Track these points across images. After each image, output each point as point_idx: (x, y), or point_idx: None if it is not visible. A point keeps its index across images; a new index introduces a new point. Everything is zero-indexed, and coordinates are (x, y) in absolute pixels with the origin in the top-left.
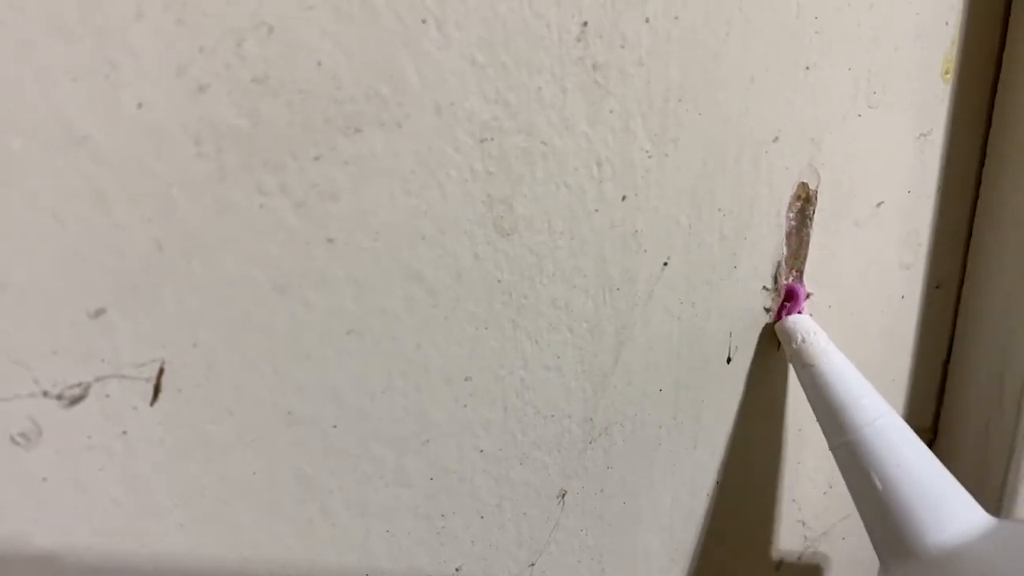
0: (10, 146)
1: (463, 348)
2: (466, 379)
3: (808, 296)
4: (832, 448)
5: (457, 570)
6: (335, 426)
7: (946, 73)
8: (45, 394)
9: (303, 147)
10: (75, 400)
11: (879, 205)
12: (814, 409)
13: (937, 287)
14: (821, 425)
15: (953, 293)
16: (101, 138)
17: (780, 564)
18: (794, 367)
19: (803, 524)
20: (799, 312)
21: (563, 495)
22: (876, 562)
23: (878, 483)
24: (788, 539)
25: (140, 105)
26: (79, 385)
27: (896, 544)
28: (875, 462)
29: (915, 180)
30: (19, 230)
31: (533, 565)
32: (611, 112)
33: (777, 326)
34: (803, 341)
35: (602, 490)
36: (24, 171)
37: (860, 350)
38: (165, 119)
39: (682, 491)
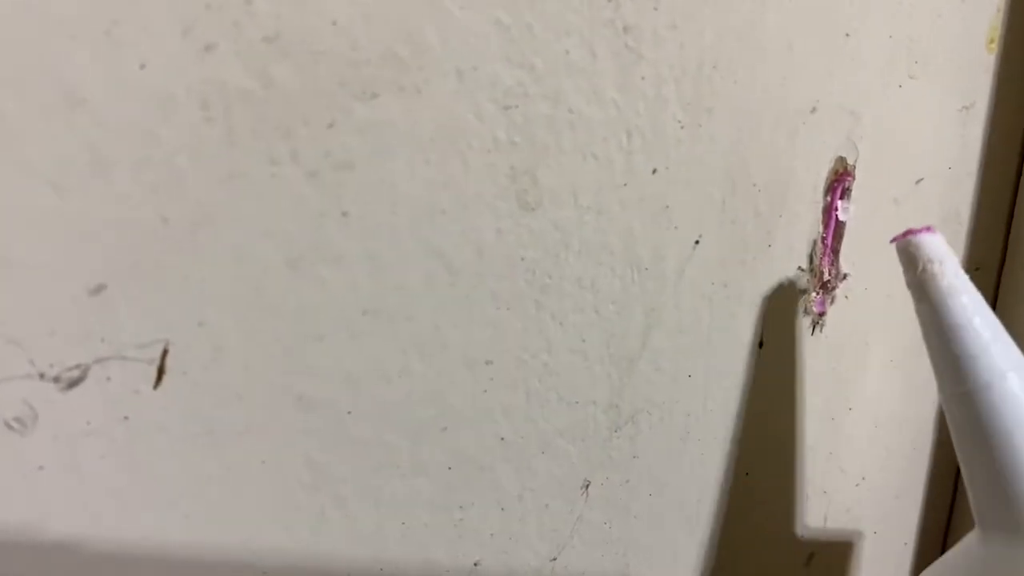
0: (4, 109)
1: (484, 330)
2: (487, 363)
3: (844, 277)
4: (945, 397)
5: (476, 564)
6: (349, 412)
7: (991, 42)
8: (41, 376)
9: (316, 112)
10: (73, 383)
11: (918, 182)
12: (930, 350)
13: (976, 269)
14: (936, 369)
15: (993, 275)
16: (101, 101)
17: (811, 558)
18: (913, 298)
19: (833, 515)
20: (928, 230)
21: (587, 486)
22: (908, 557)
23: (995, 444)
24: (819, 532)
25: (143, 66)
26: (78, 367)
27: (1002, 513)
28: (997, 421)
29: (956, 156)
30: (13, 200)
31: (555, 559)
32: (642, 78)
33: (897, 246)
34: (924, 271)
35: (627, 481)
36: (19, 136)
37: (896, 333)
38: (170, 81)
39: (710, 482)
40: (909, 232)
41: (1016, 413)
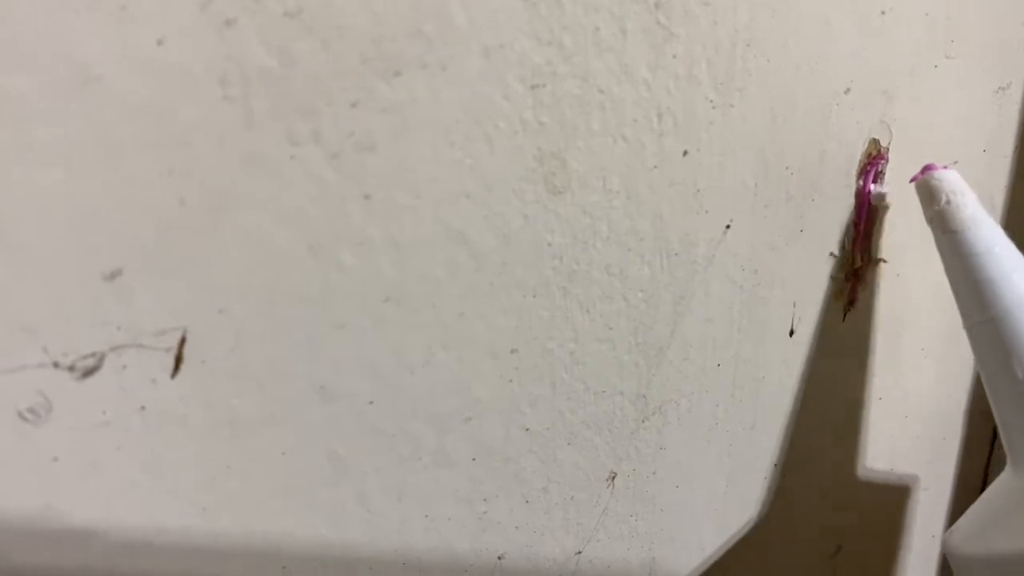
0: (13, 88)
1: (509, 318)
2: (512, 352)
3: (877, 263)
4: (969, 327)
5: (500, 558)
6: (371, 402)
7: None
8: (55, 365)
9: (339, 91)
10: (88, 371)
11: (953, 164)
12: (952, 282)
13: None
14: (959, 301)
15: None
16: (116, 79)
17: (839, 549)
18: (934, 232)
19: (861, 507)
20: (944, 168)
21: (613, 478)
22: (936, 550)
23: (1020, 371)
24: (847, 523)
25: (160, 42)
26: (93, 355)
27: None
28: (1021, 346)
29: (991, 138)
30: (25, 183)
31: (580, 553)
32: (674, 57)
33: (918, 183)
34: (947, 202)
35: (654, 473)
36: (29, 117)
37: (928, 321)
38: (187, 58)
39: (738, 474)
40: (929, 168)
41: None
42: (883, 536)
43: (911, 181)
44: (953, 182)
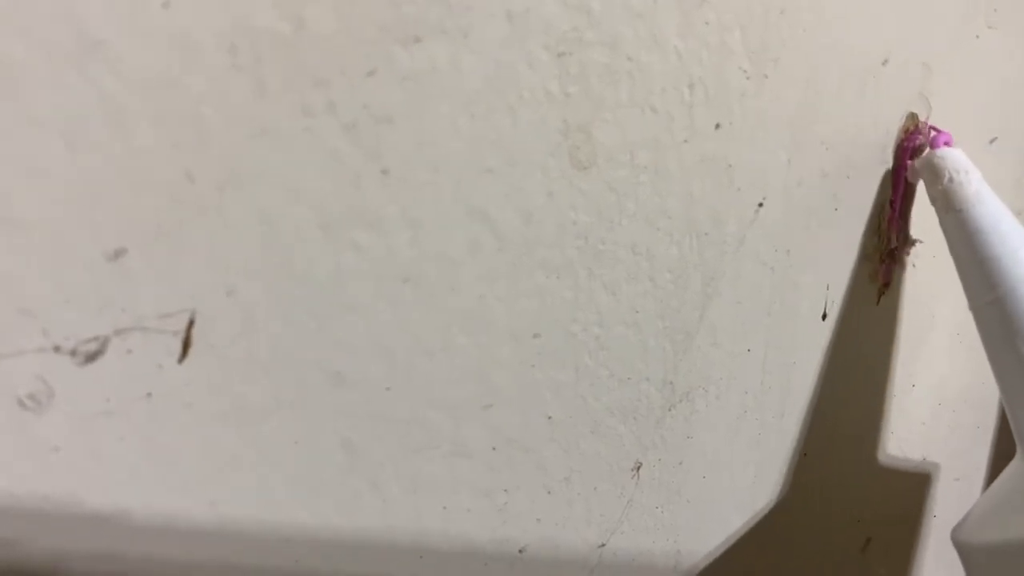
0: (11, 54)
1: (531, 300)
2: (534, 336)
3: (913, 243)
4: (975, 308)
5: (520, 551)
6: (387, 388)
7: None
8: (57, 349)
9: (354, 59)
10: (91, 356)
11: (992, 141)
12: (957, 262)
13: None
14: (964, 281)
15: None
16: (120, 45)
17: (868, 542)
18: (937, 212)
19: (892, 498)
20: (947, 144)
21: (638, 468)
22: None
23: None
24: (878, 515)
25: (166, 5)
26: (96, 339)
27: None
28: None
29: None
30: (23, 156)
31: (603, 546)
32: (706, 24)
33: (919, 161)
34: (951, 180)
35: (681, 463)
36: (28, 84)
37: (963, 304)
38: (195, 23)
39: (767, 464)
40: (932, 148)
41: None
42: (915, 528)
43: (909, 159)
44: (957, 160)
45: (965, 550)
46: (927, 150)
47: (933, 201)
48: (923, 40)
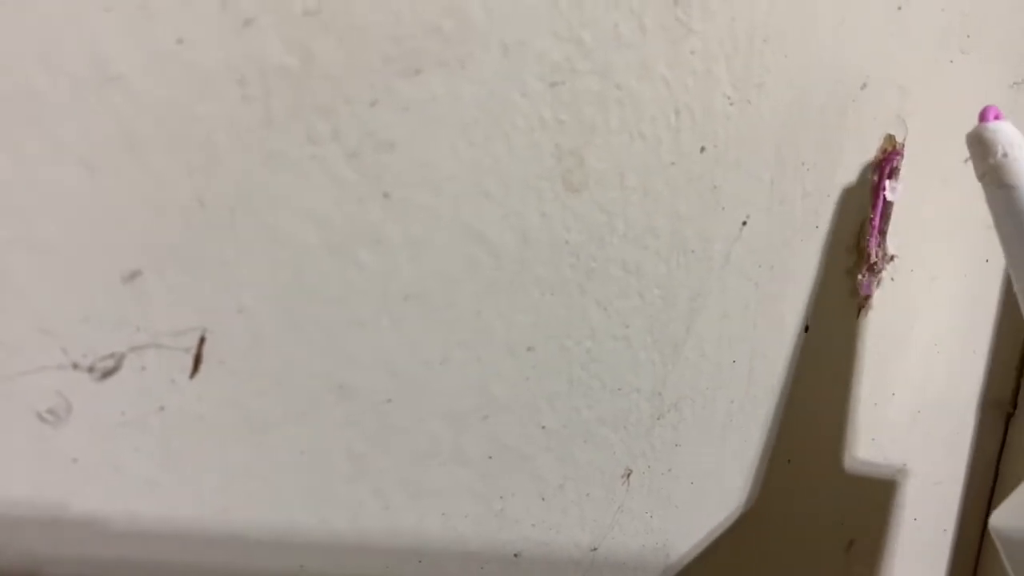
0: (34, 85)
1: (527, 316)
2: (529, 349)
3: (891, 259)
4: (1022, 290)
5: (516, 556)
6: (389, 400)
7: None
8: (75, 366)
9: (358, 90)
10: (108, 372)
11: (967, 161)
12: (1006, 242)
13: None
14: (1012, 261)
15: None
16: (136, 77)
17: (851, 544)
18: (986, 188)
19: (873, 501)
20: (997, 118)
21: (628, 475)
22: (947, 544)
23: None
24: (860, 518)
25: (180, 40)
26: (112, 356)
27: None
28: None
29: None
30: (44, 181)
31: (595, 550)
32: (692, 53)
33: (969, 135)
34: (1005, 155)
35: (670, 470)
36: (50, 113)
37: (941, 317)
38: (207, 57)
39: (753, 471)
40: (982, 120)
41: None
42: (896, 531)
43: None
44: (1009, 134)
45: (1004, 537)
46: (974, 125)
47: (981, 177)
48: (900, 65)
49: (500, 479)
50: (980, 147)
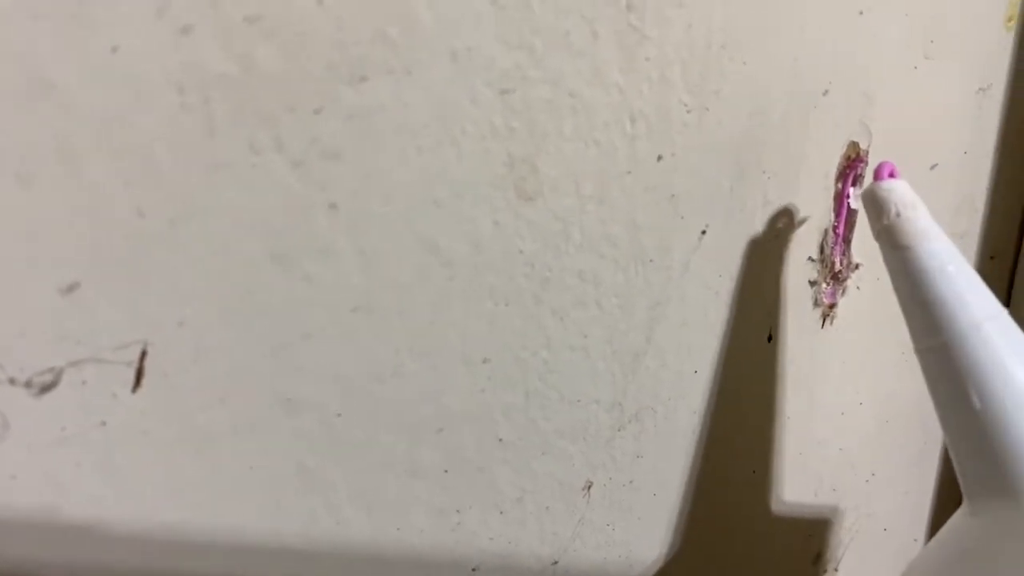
0: None
1: (481, 326)
2: (484, 361)
3: (856, 267)
4: (920, 351)
5: (474, 570)
6: (339, 414)
7: (1009, 20)
8: (12, 381)
9: (302, 98)
10: (46, 387)
11: (933, 168)
12: (902, 302)
13: (992, 258)
14: (909, 322)
15: (1008, 264)
16: (71, 87)
17: (819, 556)
18: (882, 247)
19: (842, 512)
20: (891, 176)
21: (589, 487)
22: (914, 545)
23: (976, 400)
24: (828, 529)
25: (115, 49)
26: (50, 371)
27: (989, 478)
28: (976, 374)
29: (972, 140)
30: None
31: (556, 563)
32: (647, 60)
33: (865, 192)
34: (898, 215)
35: (631, 481)
36: None
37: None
38: (144, 65)
39: (716, 481)
40: (876, 179)
41: (994, 363)
42: (865, 542)
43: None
44: (903, 193)
45: None
46: (869, 182)
47: (877, 236)
48: (863, 71)
49: (456, 492)
50: (874, 207)
